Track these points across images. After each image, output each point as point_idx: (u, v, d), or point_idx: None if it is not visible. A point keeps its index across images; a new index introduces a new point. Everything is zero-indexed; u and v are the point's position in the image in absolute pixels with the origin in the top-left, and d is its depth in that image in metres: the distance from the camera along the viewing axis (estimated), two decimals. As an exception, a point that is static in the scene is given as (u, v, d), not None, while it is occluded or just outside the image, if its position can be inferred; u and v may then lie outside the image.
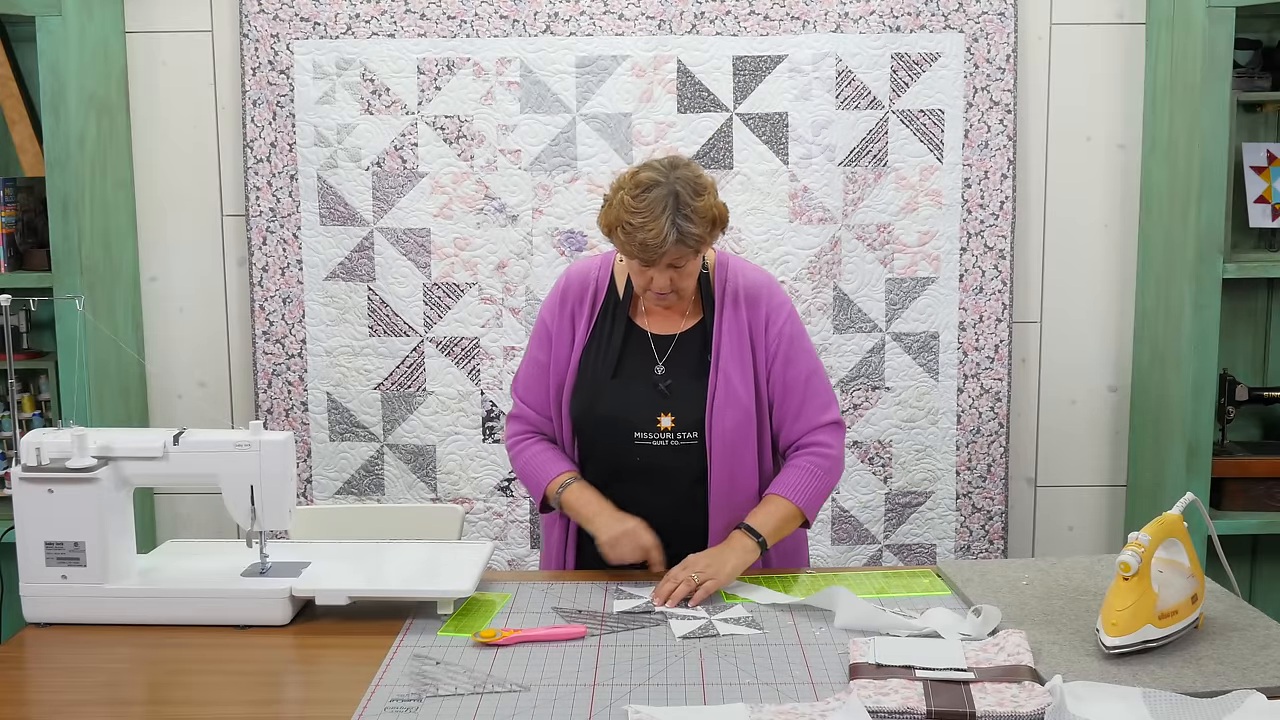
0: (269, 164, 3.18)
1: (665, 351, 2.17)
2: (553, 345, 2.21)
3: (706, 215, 2.02)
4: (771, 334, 2.16)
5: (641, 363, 2.17)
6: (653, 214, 1.98)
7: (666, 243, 1.98)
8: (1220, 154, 2.88)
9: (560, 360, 2.20)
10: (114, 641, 1.86)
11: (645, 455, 2.13)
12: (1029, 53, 3.20)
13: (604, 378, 2.16)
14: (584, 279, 2.23)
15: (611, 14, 3.14)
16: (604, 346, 2.18)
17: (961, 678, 1.61)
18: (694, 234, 2.00)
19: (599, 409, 2.15)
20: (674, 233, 1.98)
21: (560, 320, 2.21)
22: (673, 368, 2.16)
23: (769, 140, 3.15)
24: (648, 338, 2.18)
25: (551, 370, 2.21)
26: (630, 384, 2.15)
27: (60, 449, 1.92)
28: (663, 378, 2.15)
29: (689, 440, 2.13)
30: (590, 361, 2.18)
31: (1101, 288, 3.28)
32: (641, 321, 2.20)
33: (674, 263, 2.04)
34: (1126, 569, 1.68)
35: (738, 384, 2.13)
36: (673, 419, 2.12)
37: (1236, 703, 1.53)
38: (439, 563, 2.05)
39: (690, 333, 2.18)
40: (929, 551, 3.27)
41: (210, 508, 3.31)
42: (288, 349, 3.24)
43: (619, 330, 2.18)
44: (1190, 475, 2.96)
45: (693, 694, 1.63)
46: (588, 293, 2.22)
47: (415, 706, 1.59)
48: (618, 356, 2.17)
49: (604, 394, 2.15)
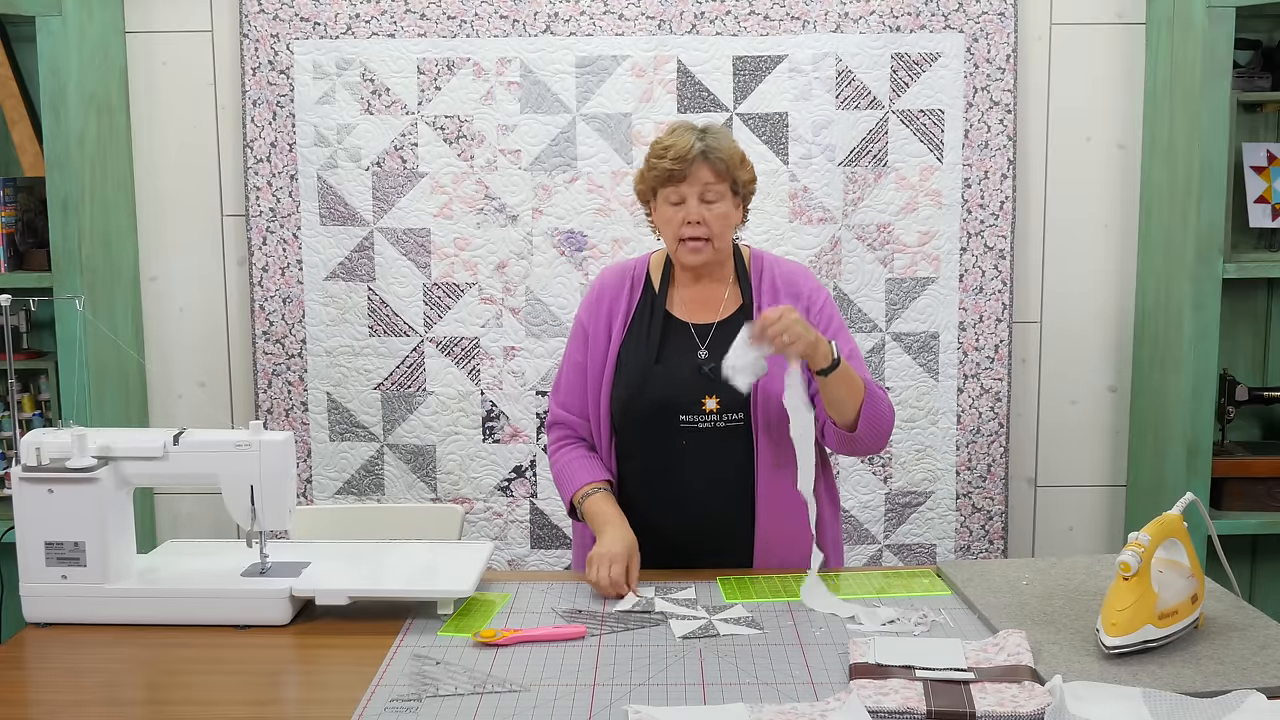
0: (269, 164, 3.18)
1: (706, 339, 2.19)
2: (589, 343, 2.23)
3: (733, 150, 2.13)
4: (814, 313, 2.19)
5: (683, 349, 2.18)
6: (680, 134, 2.13)
7: (693, 151, 2.08)
8: (1220, 154, 2.88)
9: (598, 356, 2.22)
10: (114, 641, 1.86)
11: (692, 439, 2.13)
12: (1029, 53, 3.20)
13: (647, 364, 2.17)
14: (620, 277, 2.27)
15: (611, 14, 3.14)
16: (644, 336, 2.20)
17: (961, 678, 1.62)
18: (720, 152, 2.10)
19: (643, 395, 2.15)
20: (700, 144, 2.10)
21: (596, 319, 2.24)
22: (716, 353, 2.15)
23: (769, 140, 3.15)
24: (688, 327, 2.20)
25: (589, 369, 2.23)
26: (673, 369, 2.16)
27: (60, 449, 1.92)
28: (706, 361, 2.16)
29: (735, 421, 2.13)
30: (631, 351, 2.19)
31: (1101, 288, 3.28)
32: (679, 312, 2.22)
33: (704, 193, 2.10)
34: (1126, 569, 1.68)
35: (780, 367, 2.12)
36: (718, 401, 2.13)
37: (1236, 703, 1.53)
38: (439, 563, 2.05)
39: (730, 320, 2.19)
40: (929, 551, 3.27)
41: (210, 508, 3.31)
42: (288, 349, 3.24)
43: (658, 321, 2.20)
44: (1190, 475, 2.96)
45: (693, 694, 1.63)
46: (624, 288, 2.25)
47: (415, 706, 1.59)
48: (659, 344, 2.18)
49: (647, 380, 2.15)
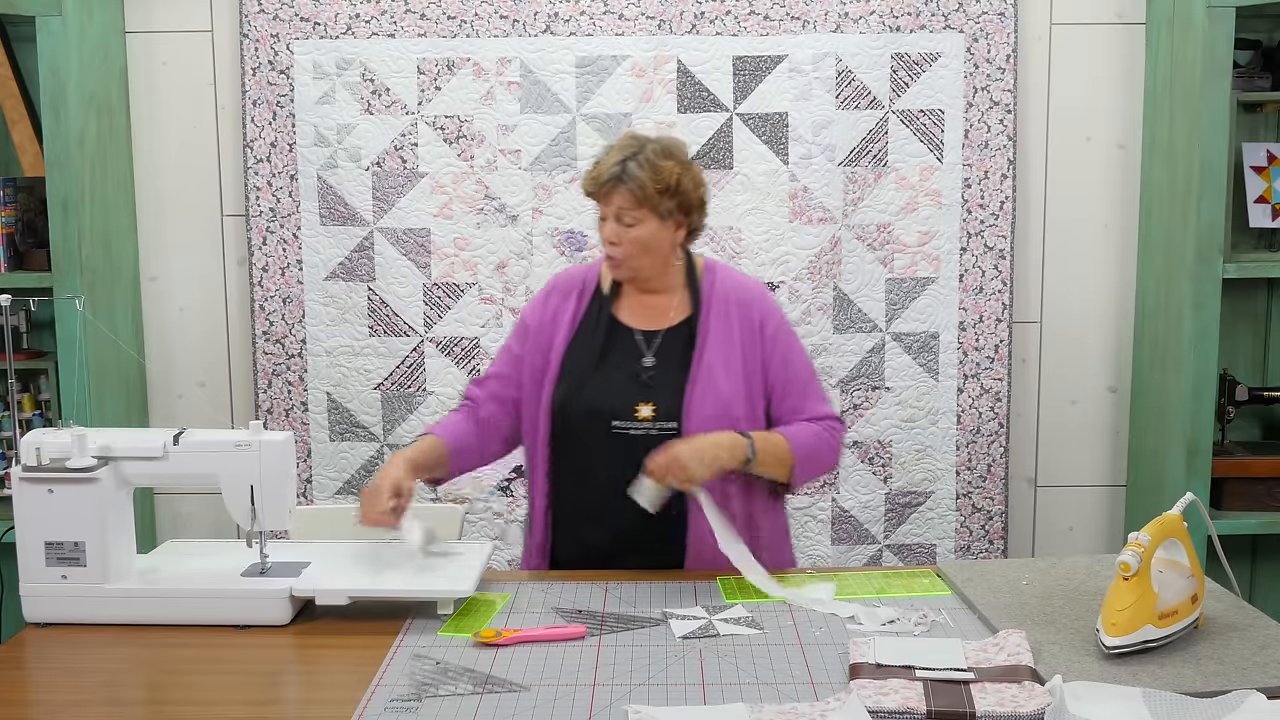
0: (269, 164, 3.18)
1: (652, 346, 2.21)
2: (529, 338, 2.26)
3: (661, 172, 2.10)
4: (768, 334, 2.21)
5: (626, 356, 2.20)
6: (611, 153, 2.14)
7: (607, 176, 2.10)
8: (1220, 154, 2.87)
9: (538, 354, 2.23)
10: (114, 641, 1.86)
11: (625, 445, 2.13)
12: (1029, 53, 3.20)
13: (587, 368, 2.19)
14: (570, 281, 2.31)
15: (611, 14, 3.13)
16: (588, 340, 2.22)
17: (961, 678, 1.61)
18: (636, 177, 2.09)
19: (579, 399, 2.17)
20: (618, 169, 2.10)
21: (541, 318, 2.27)
22: (660, 362, 2.19)
23: (769, 140, 3.15)
24: (633, 334, 2.22)
25: (527, 365, 2.25)
26: (612, 375, 2.18)
27: (60, 449, 1.92)
28: (646, 369, 2.18)
29: (668, 430, 2.13)
30: (573, 355, 2.21)
31: (1101, 288, 3.28)
32: (627, 318, 2.24)
33: (620, 214, 2.12)
34: (1126, 569, 1.68)
35: (721, 379, 2.15)
36: (653, 408, 2.14)
37: (1236, 703, 1.53)
38: (439, 563, 2.05)
39: (677, 329, 2.22)
40: (929, 551, 3.27)
41: (210, 508, 3.31)
42: (288, 349, 3.24)
43: (603, 325, 2.22)
44: (1190, 475, 2.96)
45: (693, 694, 1.63)
46: (573, 292, 2.28)
47: (415, 706, 1.59)
48: (600, 349, 2.20)
49: (585, 384, 2.17)
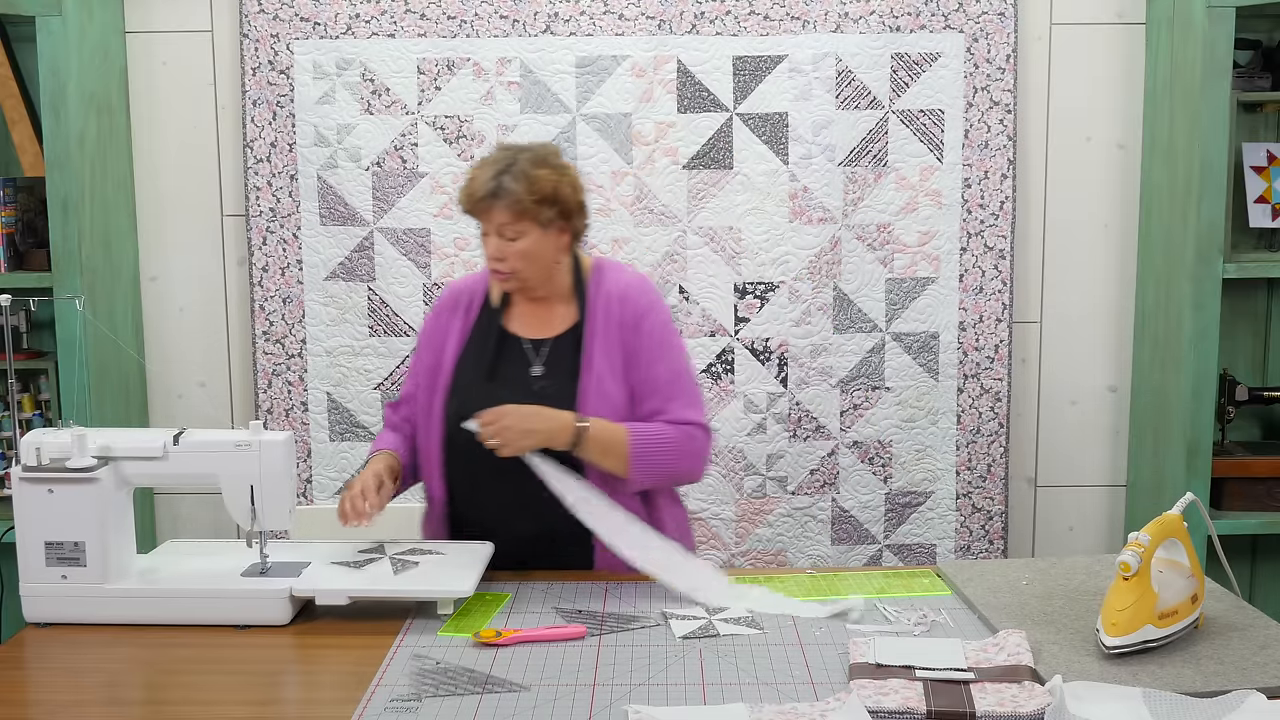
0: (269, 164, 3.18)
1: (541, 355, 2.19)
2: (423, 352, 2.26)
3: (537, 183, 2.08)
4: (642, 331, 2.18)
5: (516, 367, 2.19)
6: (483, 168, 2.10)
7: (482, 192, 2.07)
8: (1220, 154, 2.88)
9: (433, 367, 2.23)
10: (114, 641, 1.86)
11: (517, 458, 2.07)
12: (1029, 53, 3.20)
13: (477, 381, 2.17)
14: (459, 292, 2.30)
15: (611, 14, 3.13)
16: (478, 352, 2.20)
17: (961, 678, 1.62)
18: (512, 191, 2.06)
19: (472, 410, 2.09)
20: (494, 184, 2.06)
21: (433, 330, 2.27)
22: (550, 370, 2.17)
23: (769, 140, 3.15)
24: (521, 344, 2.20)
25: (422, 374, 2.24)
26: (503, 387, 2.14)
27: (60, 449, 1.92)
28: (537, 379, 2.17)
29: None
30: (465, 367, 2.20)
31: (1101, 288, 3.28)
32: (514, 327, 2.22)
33: (502, 229, 2.09)
34: (1126, 569, 1.68)
35: (610, 384, 2.14)
36: None
37: (1236, 703, 1.54)
38: (439, 563, 2.05)
39: (565, 335, 2.20)
40: (929, 551, 3.27)
41: (210, 508, 3.31)
42: (288, 349, 3.24)
43: (493, 336, 2.20)
44: (1190, 475, 2.96)
45: (693, 694, 1.63)
46: (461, 303, 2.27)
47: (415, 706, 1.59)
48: (491, 361, 2.18)
49: (476, 397, 2.12)
